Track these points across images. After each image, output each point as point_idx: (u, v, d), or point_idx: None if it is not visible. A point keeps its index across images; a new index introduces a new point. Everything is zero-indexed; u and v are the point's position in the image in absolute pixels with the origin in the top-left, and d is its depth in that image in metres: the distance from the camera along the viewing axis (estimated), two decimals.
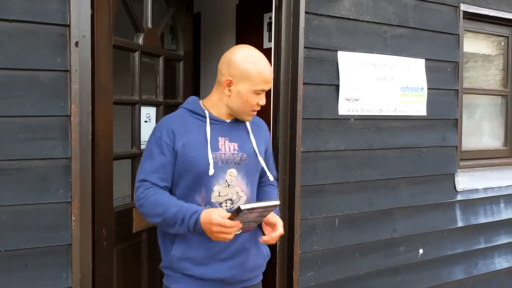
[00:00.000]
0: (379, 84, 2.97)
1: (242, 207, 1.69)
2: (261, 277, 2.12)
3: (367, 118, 2.96)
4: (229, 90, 1.96)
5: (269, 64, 1.99)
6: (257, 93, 1.96)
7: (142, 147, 2.48)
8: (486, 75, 3.86)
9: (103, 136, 2.24)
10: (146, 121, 2.60)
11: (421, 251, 3.24)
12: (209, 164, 1.91)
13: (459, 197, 3.41)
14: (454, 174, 3.38)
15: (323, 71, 2.78)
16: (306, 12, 2.68)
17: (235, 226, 1.77)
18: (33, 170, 2.02)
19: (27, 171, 2.01)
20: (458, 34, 3.33)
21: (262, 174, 2.11)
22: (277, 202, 1.82)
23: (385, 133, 3.04)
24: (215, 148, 1.96)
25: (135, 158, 2.51)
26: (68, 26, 2.04)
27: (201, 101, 2.06)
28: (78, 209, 2.10)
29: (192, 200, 1.94)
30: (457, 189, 3.40)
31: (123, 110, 2.53)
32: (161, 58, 2.71)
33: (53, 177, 2.06)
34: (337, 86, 2.82)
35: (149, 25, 2.60)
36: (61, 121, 2.06)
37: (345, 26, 2.85)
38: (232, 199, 1.96)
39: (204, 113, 2.00)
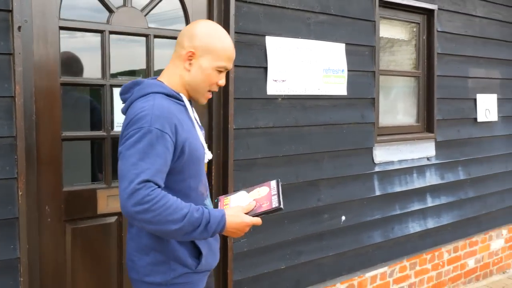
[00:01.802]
0: (303, 67, 3.24)
1: (282, 206, 1.73)
2: None
3: (293, 98, 3.22)
4: (190, 64, 1.83)
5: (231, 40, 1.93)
6: (219, 70, 1.85)
7: (117, 129, 2.52)
8: (410, 59, 4.22)
9: (49, 116, 2.34)
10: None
11: (343, 218, 3.57)
12: (204, 149, 1.87)
13: (376, 169, 3.78)
14: (372, 148, 3.73)
15: (252, 55, 3.01)
16: (236, 0, 2.89)
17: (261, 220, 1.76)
18: None
19: None
20: (375, 21, 3.66)
21: None
22: (276, 181, 1.88)
23: (310, 111, 3.33)
24: (201, 129, 1.92)
25: (103, 140, 2.54)
26: (11, 11, 2.15)
27: (163, 82, 1.88)
28: (24, 185, 2.22)
29: (196, 193, 1.86)
30: (375, 161, 3.76)
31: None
32: (149, 37, 2.64)
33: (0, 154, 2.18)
34: (266, 68, 3.06)
35: (128, 4, 2.58)
36: (5, 101, 2.18)
37: (272, 13, 3.09)
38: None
39: (180, 96, 1.86)
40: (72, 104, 2.52)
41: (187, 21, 2.81)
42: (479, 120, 4.59)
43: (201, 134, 1.90)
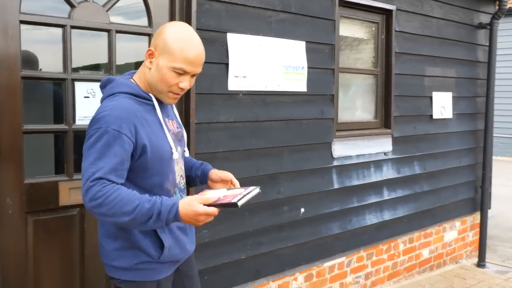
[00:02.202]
0: (264, 63, 3.33)
1: (239, 203, 1.74)
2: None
3: (254, 94, 3.32)
4: (150, 62, 1.86)
5: (201, 48, 1.88)
6: (176, 71, 1.82)
7: (79, 122, 2.58)
8: (370, 57, 4.36)
9: (10, 110, 2.37)
10: (87, 97, 2.61)
11: (302, 210, 3.70)
12: (171, 148, 1.90)
13: (335, 163, 3.91)
14: (331, 142, 3.86)
15: (214, 51, 3.08)
16: None
17: (216, 211, 1.76)
18: None
19: None
20: (334, 20, 3.78)
21: None
22: (258, 190, 1.90)
23: (270, 107, 3.43)
24: (168, 130, 1.94)
25: (64, 133, 2.57)
26: None
27: (134, 82, 1.92)
28: None
29: (162, 189, 1.90)
30: (334, 156, 3.89)
31: None
32: (111, 32, 2.68)
33: None
34: (227, 65, 3.14)
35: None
36: None
37: (234, 10, 3.17)
38: (181, 175, 2.02)
39: (149, 96, 1.89)
40: (34, 98, 2.55)
41: (149, 17, 2.86)
42: (434, 117, 4.79)
43: (168, 135, 1.93)
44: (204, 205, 1.72)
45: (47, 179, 2.56)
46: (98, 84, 2.58)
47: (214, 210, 1.72)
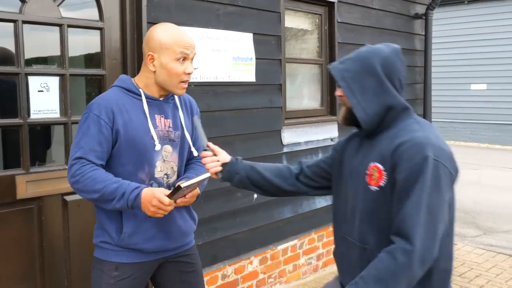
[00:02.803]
0: (214, 55, 3.45)
1: (183, 185, 1.83)
2: (193, 241, 2.32)
3: (205, 84, 3.43)
4: (153, 65, 2.02)
5: (186, 32, 2.08)
6: (179, 60, 2.01)
7: (34, 116, 2.61)
8: (315, 47, 4.55)
9: None
10: (41, 91, 2.67)
11: (255, 195, 3.85)
12: (153, 141, 2.02)
13: (285, 150, 4.08)
14: (280, 130, 4.02)
15: None
16: None
17: (172, 205, 1.90)
18: None
19: None
20: (280, 12, 3.94)
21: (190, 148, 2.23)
22: (208, 174, 1.98)
23: (221, 97, 3.55)
24: (154, 126, 2.05)
25: (19, 127, 2.61)
26: None
27: (133, 80, 2.11)
28: None
29: (135, 178, 2.01)
30: (283, 143, 4.06)
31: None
32: (62, 27, 2.73)
33: None
34: None
35: None
36: None
37: (183, 4, 3.26)
38: (168, 173, 2.11)
39: (139, 91, 2.06)
40: None
41: (100, 11, 2.91)
42: None
43: (152, 129, 2.04)
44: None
45: (2, 173, 2.59)
46: (51, 78, 2.67)
47: (169, 201, 1.87)
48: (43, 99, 2.64)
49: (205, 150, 2.06)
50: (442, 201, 1.64)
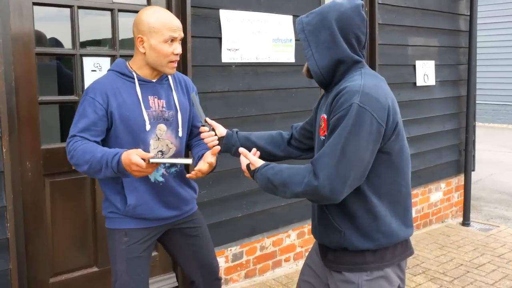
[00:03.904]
0: (254, 37, 3.60)
1: (151, 160, 1.94)
2: (196, 207, 2.47)
3: (246, 65, 3.59)
4: (143, 47, 2.14)
5: (173, 15, 2.18)
6: (167, 42, 2.12)
7: None
8: None
9: (26, 83, 2.65)
10: (94, 70, 2.90)
11: None
12: (145, 121, 2.16)
13: None
14: None
15: (208, 26, 3.35)
16: None
17: (150, 168, 1.97)
18: None
19: None
20: None
21: (195, 123, 2.38)
22: (189, 161, 2.03)
23: (261, 77, 3.70)
24: (147, 106, 2.18)
25: (75, 104, 2.83)
26: None
27: (128, 63, 2.23)
28: (7, 143, 2.54)
29: None
30: None
31: None
32: (113, 11, 2.94)
33: None
34: (220, 39, 3.41)
35: None
36: None
37: None
38: (162, 150, 2.24)
39: (132, 74, 2.18)
40: (47, 72, 2.83)
41: None
42: (418, 84, 5.07)
43: (144, 110, 2.16)
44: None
45: (60, 145, 2.85)
46: (103, 58, 2.90)
47: (141, 163, 1.93)
48: (96, 78, 2.86)
49: (203, 125, 2.19)
50: (360, 147, 1.69)
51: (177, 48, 2.16)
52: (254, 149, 2.11)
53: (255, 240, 3.83)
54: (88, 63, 2.89)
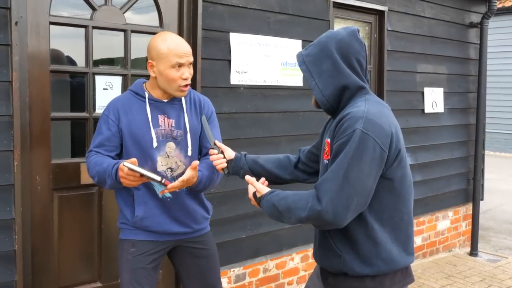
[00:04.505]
0: (263, 60, 3.67)
1: (125, 163, 2.02)
2: (207, 228, 2.52)
3: (254, 87, 3.66)
4: (153, 71, 2.24)
5: (183, 41, 2.27)
6: (175, 68, 2.19)
7: (99, 111, 2.93)
8: (369, 55, 4.67)
9: (39, 99, 2.73)
10: (105, 89, 3.01)
11: None
12: (152, 139, 2.24)
13: None
14: None
15: (217, 49, 3.43)
16: (203, 0, 3.30)
17: (133, 177, 2.06)
18: None
19: None
20: (329, 20, 4.11)
21: (205, 144, 2.42)
22: (158, 178, 2.05)
23: (269, 100, 3.76)
24: (156, 125, 2.26)
25: (86, 120, 2.94)
26: (9, 8, 2.54)
27: (144, 84, 2.35)
28: (19, 157, 2.62)
29: None
30: None
31: None
32: (127, 32, 3.04)
33: None
34: (229, 61, 3.49)
35: (109, 3, 2.99)
36: (4, 86, 2.57)
37: (236, 12, 3.51)
38: (172, 167, 2.31)
39: (144, 94, 2.29)
40: (61, 89, 2.92)
41: (160, 18, 3.22)
42: (426, 111, 5.09)
43: (152, 128, 2.25)
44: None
45: (70, 160, 2.93)
46: (115, 77, 2.99)
47: (123, 168, 2.04)
48: (107, 96, 2.94)
49: (212, 148, 2.25)
50: (363, 173, 1.71)
51: (185, 72, 2.23)
52: (262, 178, 2.13)
53: (258, 262, 3.84)
54: (100, 81, 2.97)
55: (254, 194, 2.01)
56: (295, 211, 1.80)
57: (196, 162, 2.20)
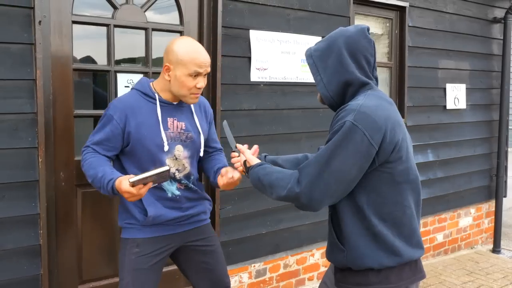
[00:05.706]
0: (283, 57, 3.68)
1: (131, 180, 1.95)
2: (208, 220, 2.51)
3: (274, 84, 3.67)
4: (168, 75, 2.20)
5: (204, 50, 2.23)
6: (192, 76, 2.17)
7: None
8: (387, 51, 4.65)
9: (63, 97, 2.79)
10: (127, 86, 3.02)
11: None
12: (163, 142, 2.22)
13: None
14: None
15: (237, 46, 3.45)
16: None
17: (139, 192, 2.00)
18: (7, 122, 2.59)
19: (2, 123, 2.57)
20: (349, 17, 4.09)
21: (210, 144, 2.47)
22: (166, 168, 2.00)
23: (289, 96, 3.77)
24: (166, 128, 2.24)
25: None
26: (33, 8, 2.60)
27: (151, 83, 2.29)
28: (43, 153, 2.67)
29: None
30: None
31: None
32: (148, 30, 3.07)
33: (23, 127, 2.63)
34: (249, 58, 3.50)
35: (130, 2, 3.02)
36: (28, 84, 2.62)
37: (256, 9, 3.52)
38: (179, 169, 2.31)
39: (155, 95, 2.24)
40: (83, 86, 2.97)
41: (181, 16, 3.25)
42: (448, 107, 5.04)
43: (162, 131, 2.23)
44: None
45: None
46: (136, 75, 3.02)
47: (131, 190, 1.99)
48: None
49: (233, 151, 2.25)
50: (346, 162, 1.72)
51: (200, 82, 2.21)
52: (255, 146, 2.22)
53: (279, 257, 3.85)
54: (122, 79, 3.02)
55: (245, 162, 2.09)
56: (276, 188, 1.85)
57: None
